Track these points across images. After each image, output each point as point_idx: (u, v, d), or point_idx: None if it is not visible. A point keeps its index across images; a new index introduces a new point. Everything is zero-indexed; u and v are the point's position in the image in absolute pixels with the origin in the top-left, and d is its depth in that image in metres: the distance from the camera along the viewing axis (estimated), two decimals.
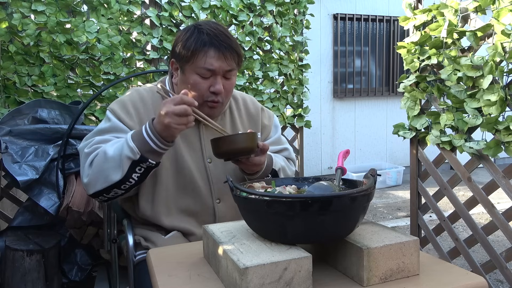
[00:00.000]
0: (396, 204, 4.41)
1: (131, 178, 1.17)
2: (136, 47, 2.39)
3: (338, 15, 5.20)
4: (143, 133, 1.14)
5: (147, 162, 1.15)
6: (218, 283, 0.87)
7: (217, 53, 1.23)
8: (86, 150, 1.23)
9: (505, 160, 5.79)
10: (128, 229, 1.39)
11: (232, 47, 1.27)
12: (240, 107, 1.47)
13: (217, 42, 1.24)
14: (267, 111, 1.54)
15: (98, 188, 1.19)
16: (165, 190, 1.31)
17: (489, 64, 1.77)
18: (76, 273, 2.09)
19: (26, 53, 2.16)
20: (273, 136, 1.50)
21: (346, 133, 5.50)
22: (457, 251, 2.17)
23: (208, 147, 1.33)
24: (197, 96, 1.26)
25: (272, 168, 1.35)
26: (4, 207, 2.33)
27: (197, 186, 1.32)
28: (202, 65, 1.23)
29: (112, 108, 1.30)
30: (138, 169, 1.16)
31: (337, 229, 0.86)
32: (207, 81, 1.25)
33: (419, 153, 2.34)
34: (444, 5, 1.99)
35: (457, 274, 0.89)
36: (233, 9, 2.63)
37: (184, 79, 1.28)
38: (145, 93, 1.35)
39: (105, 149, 1.18)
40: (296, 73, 2.87)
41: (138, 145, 1.13)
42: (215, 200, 1.35)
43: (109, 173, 1.16)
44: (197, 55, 1.23)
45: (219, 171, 1.36)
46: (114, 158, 1.15)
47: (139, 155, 1.14)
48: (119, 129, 1.26)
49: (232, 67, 1.27)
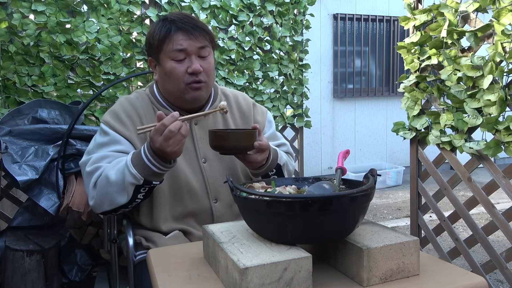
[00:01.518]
0: (396, 204, 4.41)
1: (137, 199, 1.21)
2: (136, 47, 2.39)
3: (338, 15, 5.20)
4: (143, 158, 1.15)
5: (151, 184, 1.19)
6: (218, 283, 0.87)
7: (184, 34, 1.25)
8: (87, 169, 1.24)
9: (505, 160, 5.79)
10: (128, 229, 1.39)
11: (198, 25, 1.27)
12: (231, 104, 1.46)
13: (182, 24, 1.26)
14: (259, 106, 1.53)
15: (106, 209, 1.22)
16: (161, 195, 1.30)
17: (489, 64, 1.77)
18: (76, 273, 2.08)
19: (26, 53, 2.16)
20: (268, 131, 1.49)
21: (346, 133, 5.50)
22: (457, 251, 2.17)
23: (202, 147, 1.34)
24: (177, 81, 1.27)
25: (277, 163, 1.33)
26: (4, 207, 2.33)
27: (193, 188, 1.32)
28: (172, 48, 1.24)
29: (106, 120, 1.30)
30: (142, 189, 1.19)
31: (337, 229, 0.86)
32: (183, 64, 1.26)
33: (419, 153, 2.34)
34: (444, 5, 1.99)
35: (457, 274, 0.89)
36: (233, 9, 2.63)
37: (162, 71, 1.29)
38: (134, 99, 1.36)
39: (107, 173, 1.19)
40: (296, 73, 2.87)
41: (140, 171, 1.15)
42: (212, 200, 1.34)
43: (114, 197, 1.19)
44: (166, 41, 1.25)
45: (214, 170, 1.35)
46: (117, 183, 1.17)
47: (142, 180, 1.16)
48: (117, 141, 1.27)
49: (203, 43, 1.27)
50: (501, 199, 3.82)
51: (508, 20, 1.71)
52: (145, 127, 1.14)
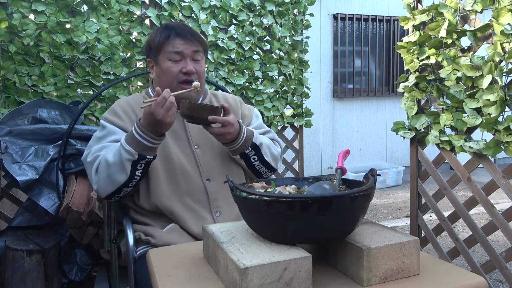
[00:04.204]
0: (396, 204, 4.41)
1: (135, 176, 1.32)
2: (136, 47, 2.39)
3: (338, 15, 5.20)
4: (135, 135, 1.28)
5: (146, 158, 1.30)
6: (218, 283, 0.87)
7: (182, 39, 1.43)
8: (88, 159, 1.38)
9: (505, 160, 5.79)
10: (128, 228, 1.39)
11: (194, 33, 1.47)
12: (220, 100, 1.59)
13: (180, 31, 1.44)
14: (246, 104, 1.68)
15: (109, 191, 1.34)
16: (155, 176, 1.40)
17: (488, 64, 1.77)
18: (76, 273, 2.09)
19: (26, 53, 2.16)
20: (254, 123, 1.62)
21: (346, 133, 5.50)
22: (457, 251, 2.18)
23: (194, 136, 1.48)
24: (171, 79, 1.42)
25: (252, 142, 1.44)
26: (4, 207, 2.33)
27: (186, 170, 1.42)
28: (170, 50, 1.42)
29: (105, 117, 1.46)
30: (139, 166, 1.31)
31: (337, 229, 0.86)
32: (178, 65, 1.42)
33: (419, 153, 2.34)
34: (443, 5, 1.99)
35: (457, 274, 0.89)
36: (233, 9, 2.63)
37: (159, 70, 1.45)
38: (130, 99, 1.53)
39: (106, 156, 1.33)
40: (296, 73, 2.87)
41: (134, 146, 1.28)
42: (205, 179, 1.43)
43: (115, 177, 1.31)
44: (165, 43, 1.43)
45: (206, 155, 1.47)
46: (115, 163, 1.30)
47: (137, 155, 1.28)
48: (113, 132, 1.42)
49: (197, 48, 1.45)
50: (501, 199, 3.82)
51: (507, 20, 1.71)
52: (148, 100, 1.25)
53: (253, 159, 1.46)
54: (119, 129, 1.42)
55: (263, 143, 1.49)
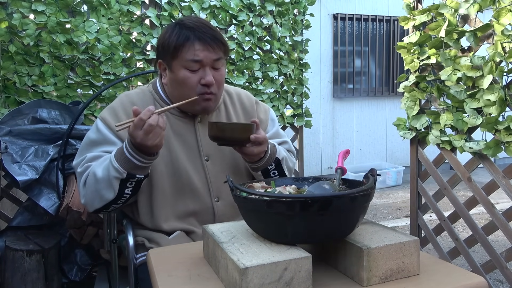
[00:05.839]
0: (396, 204, 4.41)
1: (124, 194, 1.20)
2: (136, 47, 2.39)
3: (338, 15, 5.20)
4: (125, 152, 1.15)
5: (135, 178, 1.18)
6: (218, 283, 0.87)
7: (202, 45, 1.23)
8: (79, 169, 1.25)
9: (505, 160, 5.78)
10: (128, 229, 1.39)
11: (216, 37, 1.25)
12: (234, 102, 1.46)
13: (201, 34, 1.23)
14: (262, 104, 1.53)
15: (97, 206, 1.23)
16: (161, 194, 1.30)
17: (488, 64, 1.77)
18: (76, 273, 2.08)
19: (26, 53, 2.16)
20: (271, 130, 1.50)
21: (346, 133, 5.50)
22: (457, 251, 2.17)
23: (205, 144, 1.34)
24: (188, 91, 1.26)
25: (276, 157, 1.34)
26: (4, 207, 2.33)
27: (195, 187, 1.32)
28: (188, 58, 1.23)
29: (103, 117, 1.29)
30: (128, 184, 1.19)
31: (337, 229, 0.86)
32: (197, 74, 1.25)
33: (419, 153, 2.34)
34: (443, 5, 1.99)
35: (457, 274, 0.89)
36: (233, 9, 2.63)
37: (173, 77, 1.27)
38: (135, 96, 1.35)
39: (94, 170, 1.20)
40: (296, 73, 2.87)
41: (122, 164, 1.15)
42: (214, 199, 1.34)
43: (102, 193, 1.19)
44: (182, 49, 1.23)
45: (217, 168, 1.35)
46: (103, 179, 1.17)
47: (125, 174, 1.16)
48: (109, 141, 1.27)
49: (219, 55, 1.26)
50: (501, 199, 3.82)
51: (507, 20, 1.71)
52: (123, 122, 1.13)
53: (273, 173, 1.35)
54: (117, 138, 1.27)
55: (284, 158, 1.39)
